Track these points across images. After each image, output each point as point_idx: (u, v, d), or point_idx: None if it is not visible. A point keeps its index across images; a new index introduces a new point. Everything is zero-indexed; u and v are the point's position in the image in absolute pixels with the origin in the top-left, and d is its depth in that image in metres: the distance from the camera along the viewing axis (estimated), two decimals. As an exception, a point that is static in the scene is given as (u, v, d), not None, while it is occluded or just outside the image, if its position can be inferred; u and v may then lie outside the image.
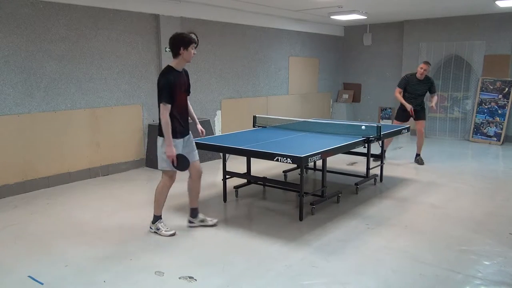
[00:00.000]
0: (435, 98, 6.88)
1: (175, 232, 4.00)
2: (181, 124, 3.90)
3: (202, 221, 4.22)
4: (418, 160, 6.92)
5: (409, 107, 6.69)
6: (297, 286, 3.08)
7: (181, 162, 3.84)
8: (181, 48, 3.73)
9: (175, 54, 3.78)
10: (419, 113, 6.91)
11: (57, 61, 5.64)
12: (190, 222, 4.23)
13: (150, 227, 4.06)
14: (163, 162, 3.89)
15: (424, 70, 6.59)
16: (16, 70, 5.26)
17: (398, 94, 6.83)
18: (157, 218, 4.03)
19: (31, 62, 5.39)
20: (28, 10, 5.31)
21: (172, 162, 3.79)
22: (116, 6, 6.17)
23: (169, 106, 3.77)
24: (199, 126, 4.21)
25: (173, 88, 3.76)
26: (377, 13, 8.63)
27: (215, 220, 4.26)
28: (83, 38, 5.88)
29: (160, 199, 4.02)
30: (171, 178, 4.03)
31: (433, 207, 4.81)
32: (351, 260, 3.48)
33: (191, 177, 4.14)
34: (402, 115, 6.91)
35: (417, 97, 6.82)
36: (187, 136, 4.01)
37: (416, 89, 6.76)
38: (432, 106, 6.86)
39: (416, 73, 6.74)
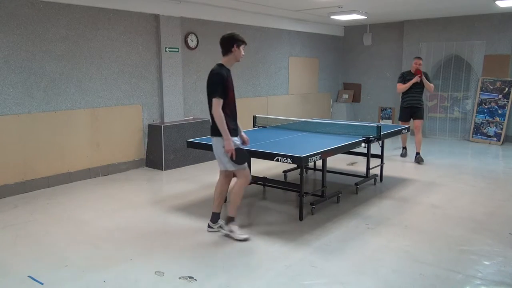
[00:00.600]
0: (429, 86, 7.05)
1: (248, 237, 3.88)
2: (232, 123, 3.81)
3: (221, 226, 4.08)
4: (418, 158, 6.99)
5: (413, 80, 6.87)
6: (297, 286, 3.08)
7: (241, 156, 3.78)
8: (234, 45, 3.79)
9: (227, 51, 3.81)
10: (417, 112, 7.07)
11: (57, 61, 5.64)
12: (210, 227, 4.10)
13: (221, 227, 3.97)
14: (230, 161, 3.79)
15: (419, 64, 6.95)
16: (16, 70, 5.26)
17: (401, 86, 7.04)
18: (231, 219, 3.93)
19: (31, 62, 5.39)
20: (28, 10, 5.31)
21: (231, 156, 3.72)
22: (116, 6, 6.17)
23: (221, 101, 3.70)
24: (243, 134, 4.09)
25: (225, 83, 3.74)
26: (377, 13, 8.63)
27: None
28: (83, 38, 5.88)
29: (237, 200, 3.94)
30: (248, 177, 3.95)
31: (433, 207, 4.81)
32: (351, 260, 3.48)
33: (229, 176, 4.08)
34: (404, 114, 7.14)
35: (415, 93, 7.00)
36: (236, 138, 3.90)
37: (413, 84, 6.95)
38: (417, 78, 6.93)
39: (410, 70, 7.10)
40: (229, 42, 3.81)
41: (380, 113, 10.57)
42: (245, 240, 3.85)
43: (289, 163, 4.03)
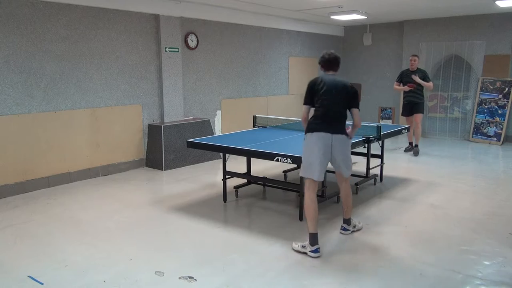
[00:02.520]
0: (428, 84, 7.36)
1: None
2: None
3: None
4: (414, 151, 7.37)
5: (405, 88, 7.36)
6: (297, 286, 3.08)
7: None
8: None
9: (337, 68, 4.11)
10: (416, 107, 7.45)
11: (57, 61, 5.64)
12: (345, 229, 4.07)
13: (346, 229, 4.01)
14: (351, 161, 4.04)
15: (414, 61, 7.37)
16: (16, 70, 5.26)
17: (396, 86, 7.67)
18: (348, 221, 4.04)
19: (31, 62, 5.39)
20: (28, 10, 5.31)
21: None
22: (116, 6, 6.17)
23: None
24: None
25: None
26: (377, 13, 8.62)
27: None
28: (83, 38, 5.88)
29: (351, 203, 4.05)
30: None
31: (433, 207, 4.81)
32: (351, 260, 3.47)
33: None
34: (404, 109, 7.65)
35: (412, 90, 7.34)
36: None
37: (410, 80, 7.33)
38: (415, 77, 7.25)
39: (408, 68, 7.52)
40: (340, 63, 4.10)
41: (380, 113, 10.57)
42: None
43: (289, 163, 4.03)
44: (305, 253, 3.57)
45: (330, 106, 3.87)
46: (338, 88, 3.95)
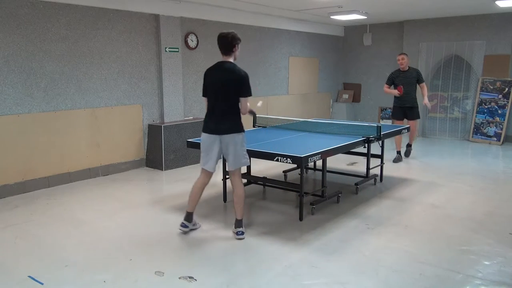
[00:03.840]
0: (425, 90, 6.97)
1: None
2: None
3: (194, 225, 4.14)
4: (408, 150, 7.11)
5: (395, 92, 6.87)
6: (297, 286, 3.08)
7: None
8: (236, 46, 3.83)
9: (230, 51, 3.82)
10: (410, 113, 6.91)
11: (57, 61, 5.64)
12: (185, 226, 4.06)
13: (242, 233, 3.94)
14: (246, 157, 3.98)
15: (402, 59, 6.83)
16: (16, 70, 5.26)
17: (386, 89, 7.07)
18: (241, 222, 4.00)
19: (31, 62, 5.39)
20: (28, 10, 5.31)
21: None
22: (116, 6, 6.17)
23: None
24: None
25: None
26: (377, 13, 8.63)
27: (198, 224, 4.22)
28: (83, 38, 5.88)
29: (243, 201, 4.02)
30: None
31: (433, 207, 4.81)
32: (351, 260, 3.48)
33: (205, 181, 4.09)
34: (395, 112, 7.05)
35: (407, 89, 6.80)
36: None
37: (402, 81, 6.83)
38: (425, 103, 6.95)
39: (399, 68, 7.00)
40: (232, 43, 3.82)
41: (380, 113, 10.57)
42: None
43: (289, 163, 4.04)
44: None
45: (215, 101, 3.84)
46: (223, 80, 3.78)
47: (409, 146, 7.22)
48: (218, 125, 3.85)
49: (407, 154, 7.19)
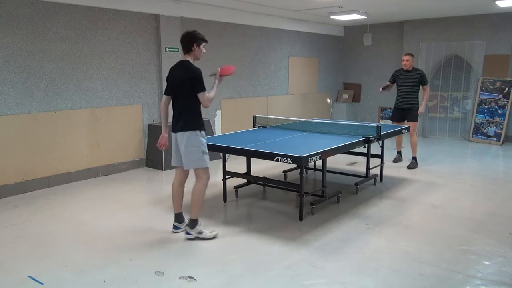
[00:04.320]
0: (426, 93, 6.64)
1: (217, 233, 3.94)
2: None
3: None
4: (412, 163, 6.62)
5: (380, 90, 6.71)
6: (297, 286, 3.08)
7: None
8: (194, 45, 3.87)
9: (188, 50, 3.89)
10: (408, 115, 6.64)
11: (57, 61, 5.64)
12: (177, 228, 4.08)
13: (188, 233, 3.86)
14: (202, 158, 3.80)
15: (407, 60, 6.57)
16: (16, 70, 5.26)
17: (381, 88, 6.82)
18: (196, 222, 3.87)
19: (31, 62, 5.39)
20: (28, 10, 5.31)
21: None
22: (116, 6, 6.17)
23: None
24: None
25: None
26: (377, 13, 8.62)
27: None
28: (83, 38, 5.88)
29: (200, 201, 3.88)
30: (208, 175, 3.95)
31: (433, 207, 4.81)
32: (351, 260, 3.48)
33: (181, 180, 4.05)
34: (395, 114, 6.84)
35: (407, 90, 6.57)
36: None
37: (404, 81, 6.62)
38: (420, 111, 6.62)
39: (402, 67, 6.73)
40: (190, 42, 3.88)
41: (380, 113, 10.57)
42: (215, 236, 3.89)
43: (289, 163, 4.03)
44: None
45: (174, 100, 3.86)
46: (178, 78, 3.82)
47: (413, 158, 6.69)
48: (175, 123, 3.88)
49: (411, 166, 6.60)
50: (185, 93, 3.79)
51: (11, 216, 4.57)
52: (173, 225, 4.08)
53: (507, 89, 8.62)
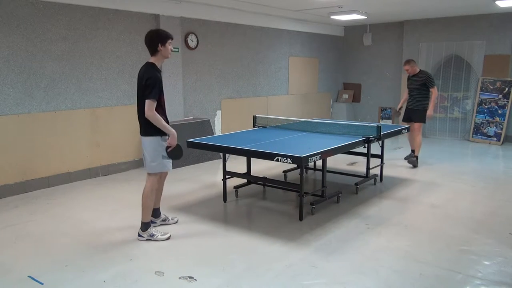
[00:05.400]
0: (434, 96, 6.67)
1: (170, 235, 3.94)
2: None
3: (164, 220, 4.24)
4: (411, 160, 6.67)
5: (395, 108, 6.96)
6: (297, 286, 3.08)
7: (178, 151, 3.89)
8: (159, 45, 3.69)
9: (153, 51, 3.72)
10: (413, 115, 6.76)
11: (57, 61, 5.64)
12: (152, 222, 4.11)
13: (140, 235, 3.86)
14: (157, 163, 3.80)
15: (406, 70, 6.76)
16: (16, 70, 5.26)
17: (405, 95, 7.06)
18: (147, 225, 3.87)
19: (31, 62, 5.39)
20: (28, 10, 5.31)
21: (168, 150, 3.79)
22: (116, 6, 6.17)
23: (155, 103, 3.67)
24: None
25: (161, 86, 3.72)
26: (377, 13, 8.63)
27: (176, 218, 4.34)
28: (83, 38, 5.88)
29: (150, 204, 3.86)
30: (160, 179, 3.99)
31: (433, 207, 4.81)
32: (351, 260, 3.48)
33: (161, 177, 4.07)
34: (404, 114, 7.07)
35: (414, 92, 6.71)
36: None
37: (411, 85, 6.82)
38: (428, 114, 6.69)
39: None
40: (153, 42, 3.70)
41: (380, 113, 10.57)
42: (168, 238, 3.88)
43: (289, 163, 4.03)
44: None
45: (137, 103, 3.83)
46: (138, 81, 3.76)
47: (415, 157, 6.71)
48: (140, 126, 3.88)
49: (413, 164, 6.66)
50: (142, 98, 3.72)
51: (11, 216, 4.57)
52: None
53: (507, 89, 8.62)
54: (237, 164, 5.89)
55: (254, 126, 6.14)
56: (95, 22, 5.99)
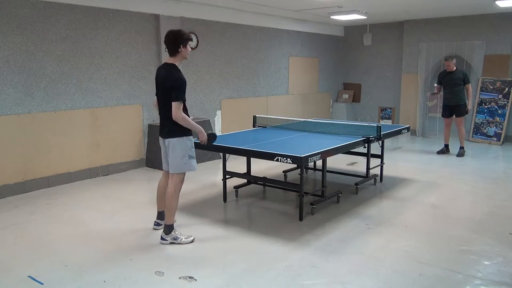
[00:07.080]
0: (469, 92, 7.30)
1: (194, 238, 3.87)
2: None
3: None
4: (460, 152, 7.42)
5: (434, 92, 7.72)
6: (297, 286, 3.08)
7: (212, 138, 3.91)
8: (181, 46, 3.65)
9: (174, 52, 3.66)
10: (456, 110, 7.36)
11: (57, 61, 5.64)
12: (158, 224, 4.11)
13: (163, 239, 3.80)
14: (184, 163, 3.76)
15: (447, 66, 7.29)
16: (16, 70, 5.26)
17: (436, 90, 7.61)
18: (171, 228, 3.81)
19: (31, 62, 5.39)
20: (28, 10, 5.31)
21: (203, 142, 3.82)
22: (116, 6, 6.17)
23: (182, 105, 3.65)
24: None
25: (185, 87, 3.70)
26: (377, 13, 8.62)
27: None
28: (83, 38, 5.88)
29: (174, 205, 3.79)
30: (183, 180, 3.92)
31: (433, 207, 4.81)
32: (351, 260, 3.48)
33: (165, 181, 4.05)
34: (443, 111, 7.58)
35: (451, 89, 7.27)
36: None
37: (447, 82, 7.32)
38: (468, 109, 7.36)
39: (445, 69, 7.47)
40: (176, 43, 3.64)
41: (380, 113, 10.57)
42: (192, 241, 3.84)
43: (289, 163, 4.03)
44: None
45: (159, 105, 3.81)
46: (161, 82, 3.69)
47: (461, 148, 7.50)
48: (162, 128, 3.87)
49: (459, 154, 7.43)
50: (167, 100, 3.66)
51: (11, 216, 4.57)
52: (155, 222, 4.14)
53: (507, 89, 8.61)
54: (237, 164, 5.89)
55: (254, 126, 6.14)
56: (95, 22, 5.99)
